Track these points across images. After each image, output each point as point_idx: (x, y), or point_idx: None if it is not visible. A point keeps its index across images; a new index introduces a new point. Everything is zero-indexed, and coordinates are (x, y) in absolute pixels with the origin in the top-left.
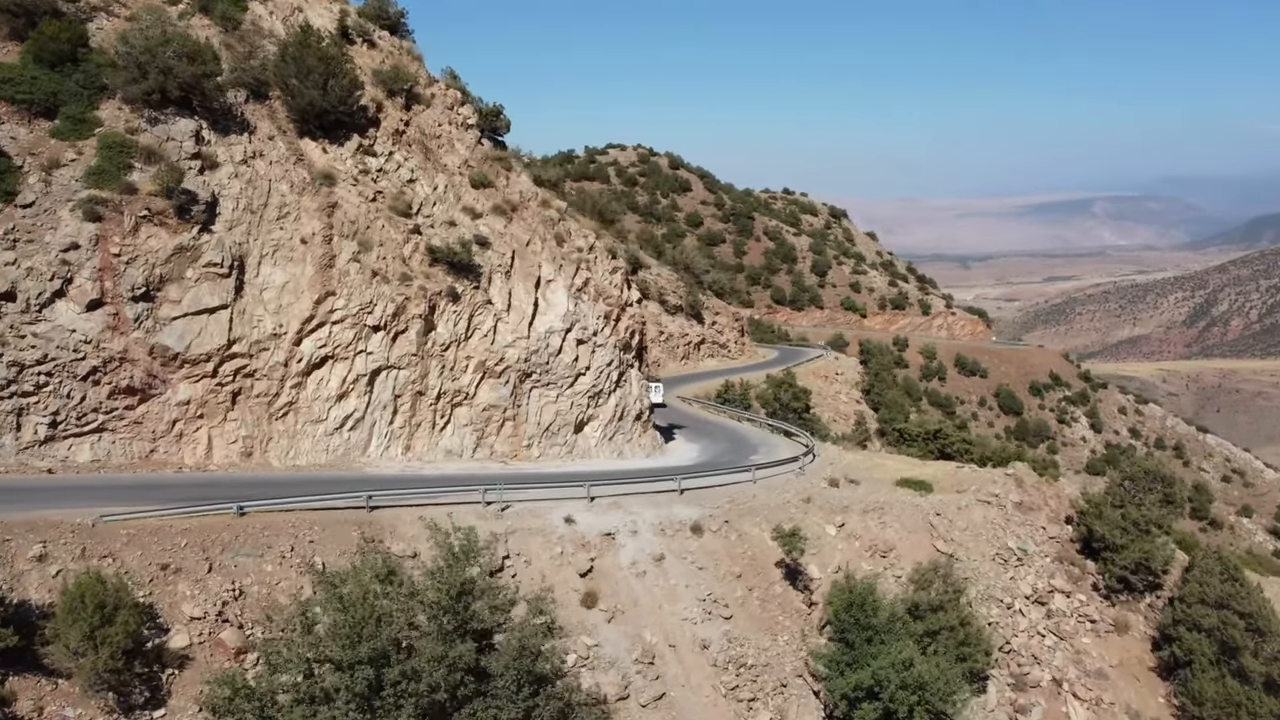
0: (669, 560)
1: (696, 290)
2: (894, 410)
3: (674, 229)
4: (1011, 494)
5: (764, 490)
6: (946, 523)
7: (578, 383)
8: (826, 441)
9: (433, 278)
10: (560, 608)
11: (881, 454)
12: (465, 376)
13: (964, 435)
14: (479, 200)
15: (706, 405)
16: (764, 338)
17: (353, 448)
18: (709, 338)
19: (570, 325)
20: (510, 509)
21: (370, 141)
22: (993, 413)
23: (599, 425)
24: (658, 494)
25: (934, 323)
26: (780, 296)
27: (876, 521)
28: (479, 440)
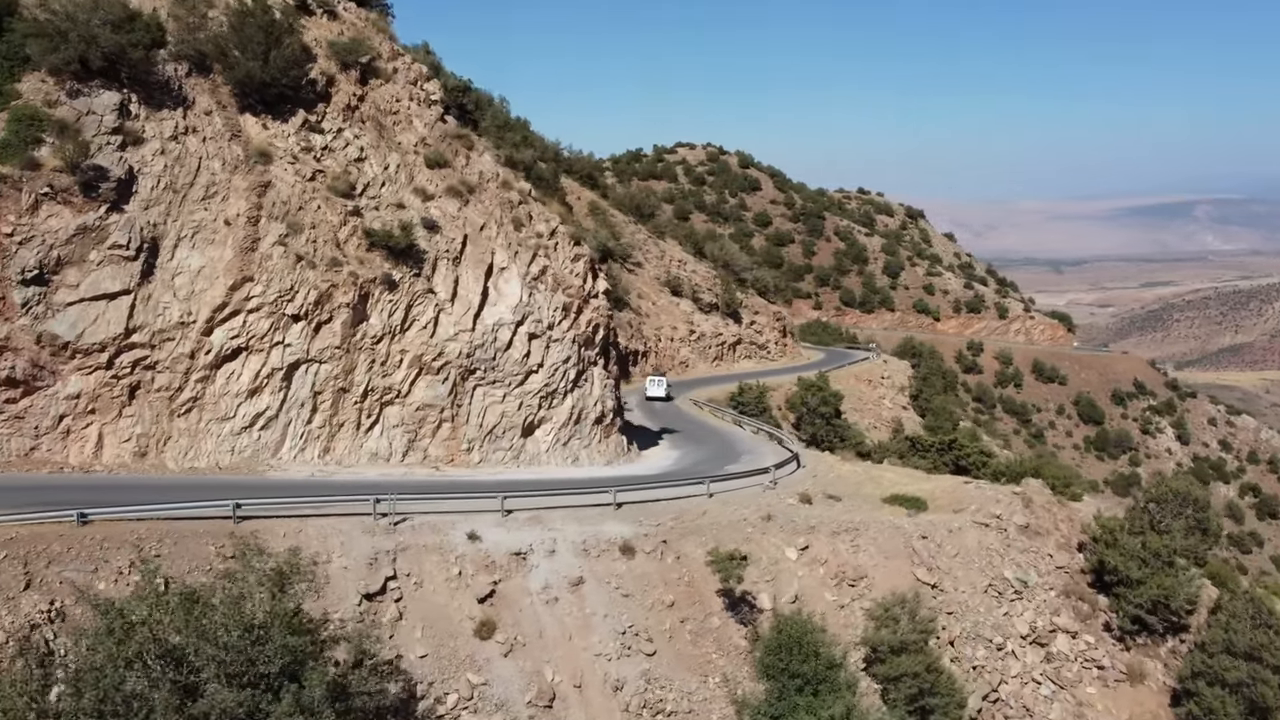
0: (589, 585)
1: (734, 288)
2: (940, 417)
3: (741, 228)
4: (1016, 515)
5: (720, 506)
6: (933, 547)
7: (528, 381)
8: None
9: (368, 264)
10: (450, 639)
11: (884, 466)
12: (398, 372)
13: (981, 446)
14: (433, 181)
15: (717, 409)
16: (823, 339)
17: (263, 449)
18: (746, 338)
19: (522, 317)
20: (407, 522)
21: (318, 117)
22: (1071, 421)
23: (551, 429)
24: (591, 507)
25: (1011, 327)
26: (850, 298)
27: (848, 544)
28: (410, 443)
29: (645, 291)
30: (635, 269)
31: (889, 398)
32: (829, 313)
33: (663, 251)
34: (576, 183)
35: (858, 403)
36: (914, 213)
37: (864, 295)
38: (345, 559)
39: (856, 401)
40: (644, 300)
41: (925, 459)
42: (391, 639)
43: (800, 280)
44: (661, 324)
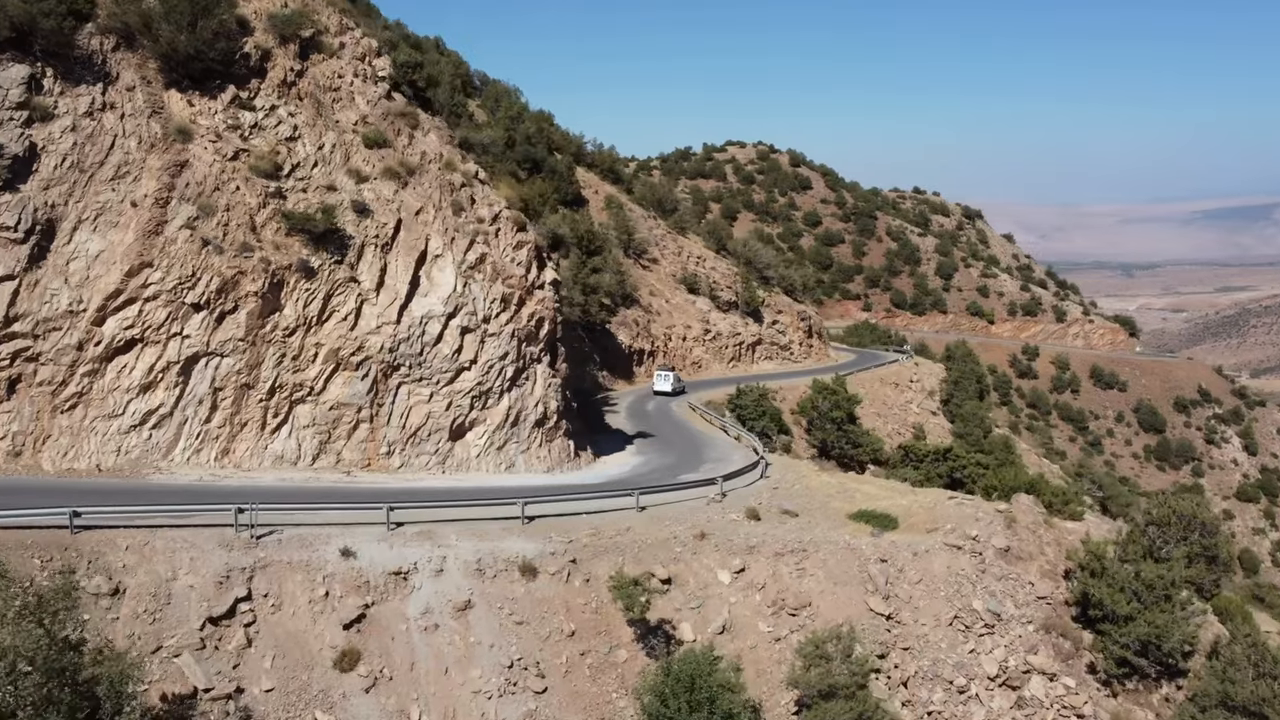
0: (477, 610)
1: (754, 287)
2: (970, 424)
3: (790, 228)
4: (995, 537)
5: (650, 521)
6: (893, 572)
7: (459, 379)
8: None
9: (284, 249)
10: (304, 670)
11: (865, 477)
12: (312, 368)
13: (979, 457)
14: (370, 162)
15: (710, 412)
16: (863, 341)
17: (153, 450)
18: (767, 338)
19: (455, 309)
20: (274, 535)
21: (250, 94)
22: (1130, 429)
23: (484, 431)
24: (497, 521)
25: (1069, 331)
26: (900, 300)
27: (792, 568)
28: (322, 445)
29: (659, 288)
30: (651, 265)
31: (917, 402)
32: (879, 314)
33: (680, 248)
34: (597, 177)
35: (881, 407)
36: (971, 213)
37: (915, 297)
38: (193, 576)
39: (880, 406)
40: (656, 298)
41: (919, 469)
42: (235, 670)
43: (850, 281)
44: (674, 322)
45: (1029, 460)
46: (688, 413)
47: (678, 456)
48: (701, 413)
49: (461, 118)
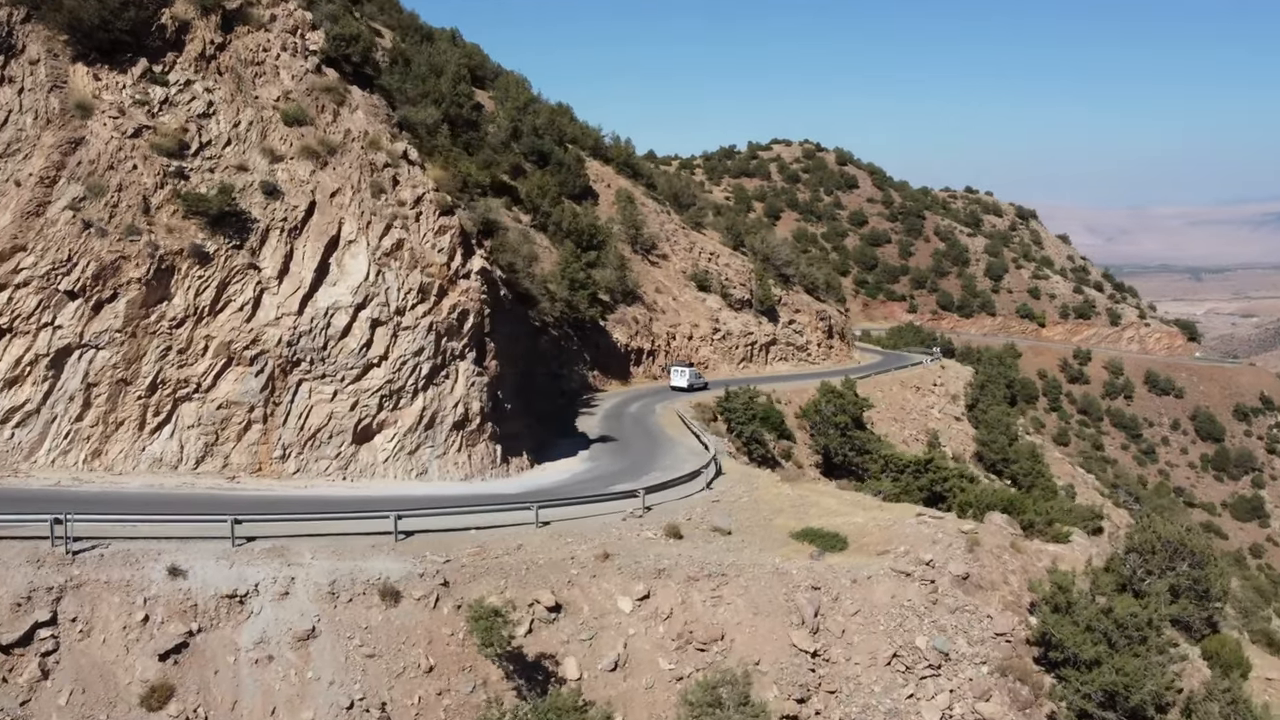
0: (322, 640)
1: (769, 284)
2: (994, 430)
3: (835, 227)
4: (954, 563)
5: (549, 538)
6: (826, 602)
7: (367, 376)
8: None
9: (178, 233)
10: (105, 708)
11: (829, 489)
12: (201, 362)
13: (962, 469)
14: (288, 140)
15: (689, 415)
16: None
17: (14, 451)
18: (782, 338)
19: (365, 299)
20: (95, 550)
21: (165, 68)
22: (1187, 438)
23: (395, 434)
24: (366, 536)
25: (1124, 334)
26: (947, 301)
27: (706, 595)
28: (208, 448)
29: (666, 285)
30: (660, 261)
31: (939, 406)
32: (924, 316)
33: (693, 243)
34: (613, 170)
35: (899, 412)
36: (1025, 213)
37: (963, 299)
38: None
39: (898, 411)
40: (663, 295)
41: (898, 481)
42: (23, 707)
43: (895, 282)
44: (679, 321)
45: (1060, 470)
46: (669, 416)
47: (630, 463)
48: (682, 416)
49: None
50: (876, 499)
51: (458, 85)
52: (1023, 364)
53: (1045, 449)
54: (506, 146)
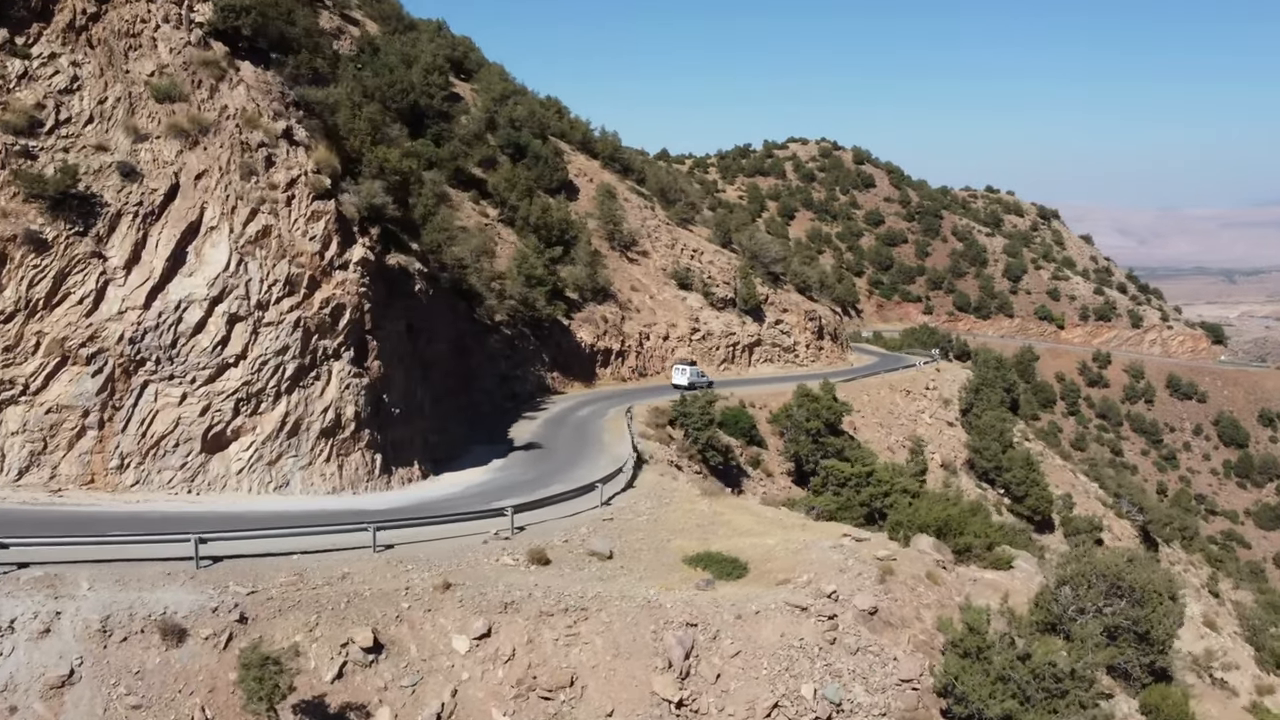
0: (81, 687)
1: (754, 282)
2: (987, 436)
3: (850, 227)
4: (861, 595)
5: (386, 564)
6: (703, 642)
7: (222, 378)
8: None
9: (14, 217)
10: None
11: (752, 505)
12: (31, 361)
13: (910, 483)
14: (157, 117)
15: (654, 421)
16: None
17: None
18: (768, 339)
19: (223, 292)
20: None
21: (29, 39)
22: (1209, 444)
23: (252, 443)
24: (160, 562)
25: (1145, 337)
26: (964, 302)
27: (561, 632)
28: (34, 457)
29: (644, 283)
30: (639, 258)
31: (930, 411)
32: (940, 318)
33: (675, 240)
34: (599, 165)
35: (886, 417)
36: (1046, 213)
37: (980, 300)
38: None
39: (885, 415)
40: (639, 293)
41: (839, 495)
42: None
43: (911, 283)
44: (655, 320)
45: (1060, 479)
46: (617, 422)
47: (539, 473)
48: (631, 423)
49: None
50: (803, 517)
51: (430, 75)
52: (1040, 367)
53: (1046, 457)
54: (479, 138)
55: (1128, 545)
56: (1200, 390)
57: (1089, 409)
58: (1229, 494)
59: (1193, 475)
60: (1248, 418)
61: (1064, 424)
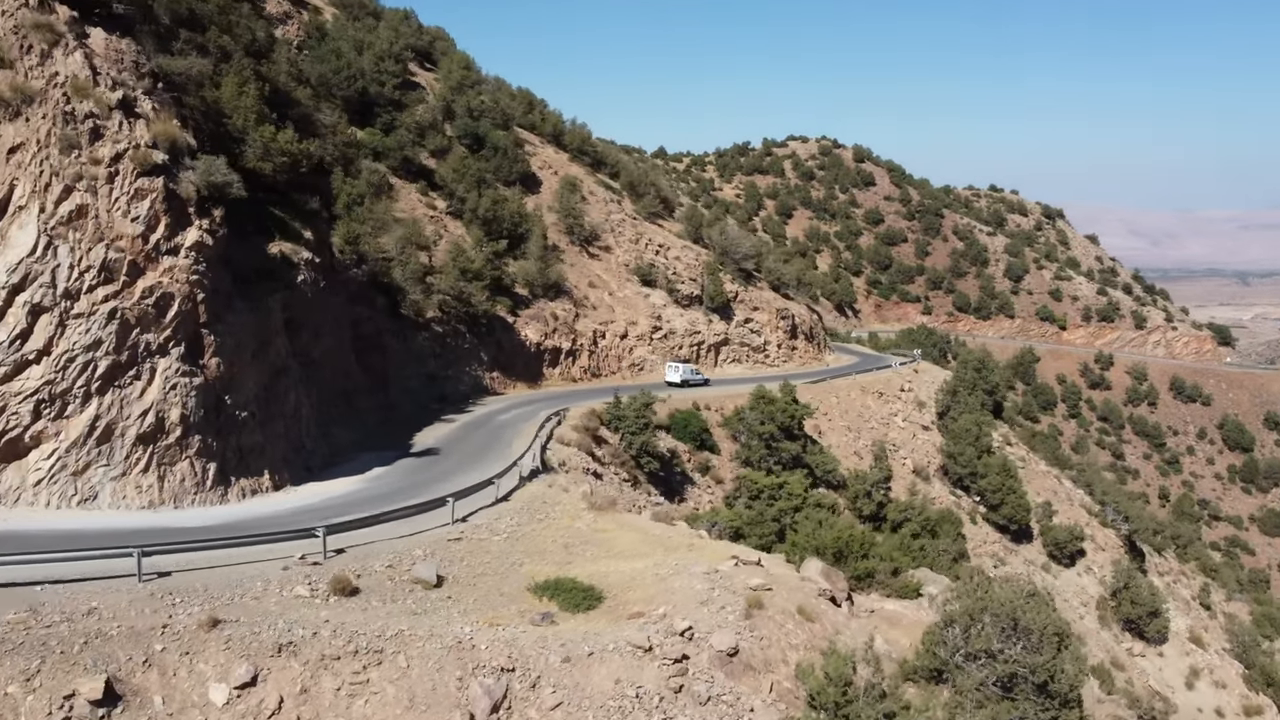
0: None
1: (722, 279)
2: (961, 441)
3: (849, 226)
4: (719, 633)
5: (149, 597)
6: (519, 690)
7: (21, 376)
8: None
9: None
10: None
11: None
12: None
13: (821, 499)
14: None
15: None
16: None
17: None
18: (736, 338)
19: (25, 279)
20: None
21: None
22: (1214, 447)
23: (55, 451)
24: None
25: (1149, 338)
26: (964, 303)
27: (345, 680)
28: None
29: (603, 280)
30: (601, 254)
31: (904, 414)
32: (939, 318)
33: (640, 234)
34: (567, 158)
35: (856, 420)
36: (1051, 212)
37: (980, 300)
38: None
39: (854, 419)
40: (597, 290)
41: (752, 508)
42: None
43: (910, 282)
44: (613, 318)
45: (1042, 485)
46: (533, 425)
47: (418, 482)
48: (549, 426)
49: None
50: (698, 535)
51: (382, 63)
52: (1041, 368)
53: (1029, 462)
54: (434, 128)
55: (1113, 556)
56: (1205, 393)
57: (1090, 411)
58: (1233, 499)
59: (1196, 480)
60: (1253, 421)
61: (1065, 427)
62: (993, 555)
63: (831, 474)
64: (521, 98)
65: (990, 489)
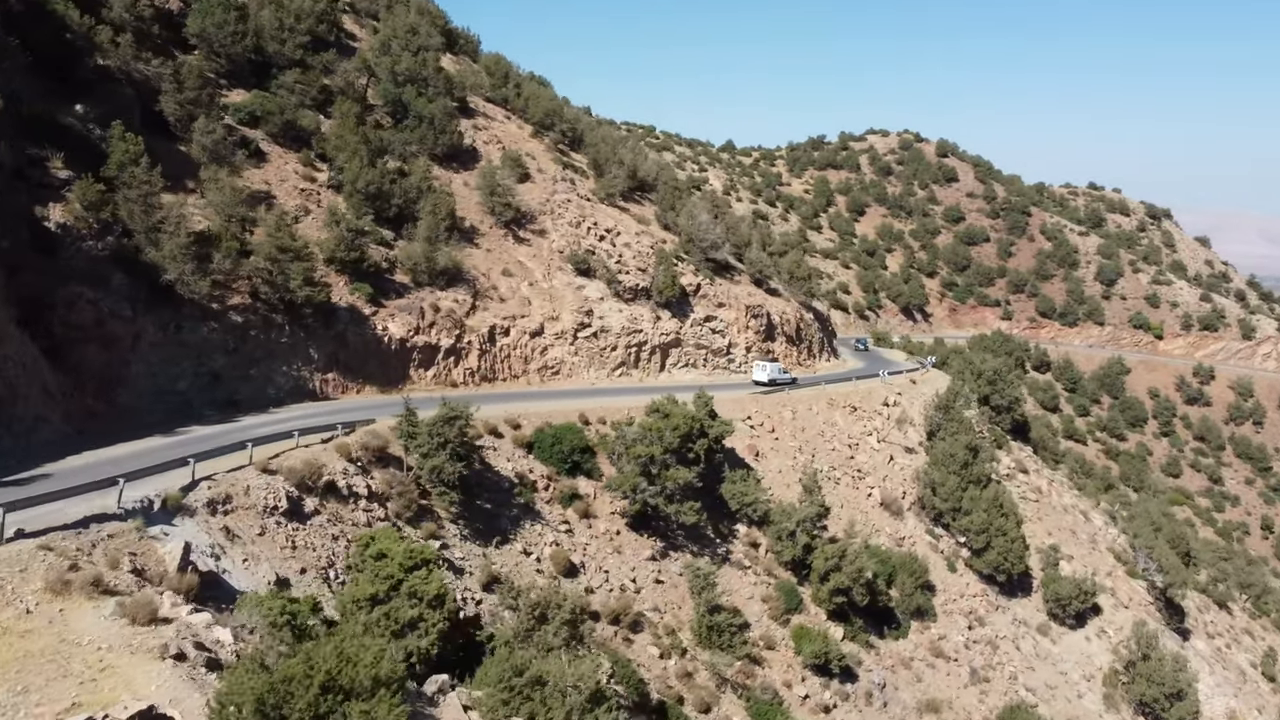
0: None
1: (673, 269)
2: (945, 467)
3: (926, 224)
4: None
5: None
6: None
7: None
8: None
9: None
10: None
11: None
12: None
13: (416, 584)
14: None
15: (367, 443)
16: (977, 352)
17: None
18: (690, 339)
19: None
20: None
21: None
22: None
23: None
24: None
25: (1258, 350)
26: (1048, 308)
27: None
28: None
29: (526, 267)
30: (534, 238)
31: (881, 434)
32: (1020, 324)
33: (583, 216)
34: (529, 132)
35: (814, 439)
36: (1156, 212)
37: (1066, 305)
38: None
39: (813, 437)
40: (514, 278)
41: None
42: None
43: (990, 285)
44: (527, 312)
45: (1056, 524)
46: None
47: None
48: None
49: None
50: (135, 651)
51: (289, 20)
52: (1130, 381)
53: (1050, 494)
54: (344, 93)
55: (1136, 615)
56: None
57: (1185, 430)
58: None
59: None
60: None
61: (1155, 446)
62: (970, 613)
63: (750, 508)
64: (496, 68)
65: (975, 528)
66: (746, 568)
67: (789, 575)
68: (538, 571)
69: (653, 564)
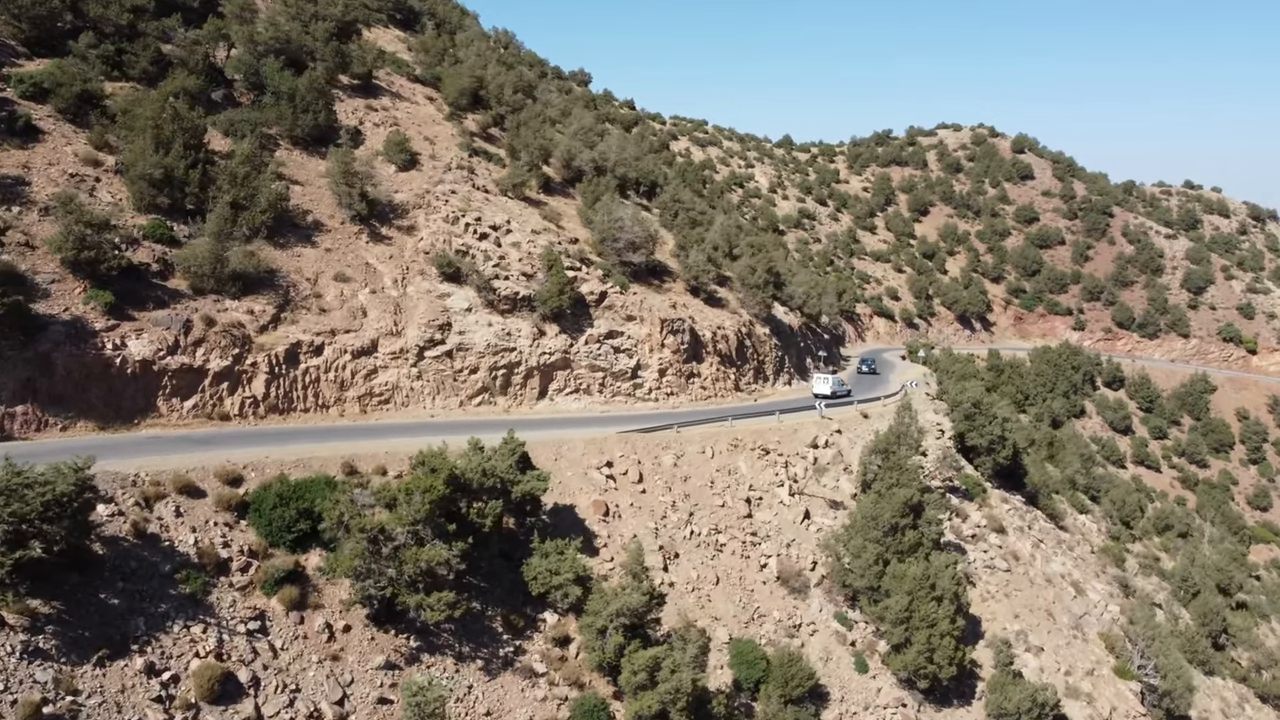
0: None
1: (562, 273)
2: (864, 535)
3: (994, 225)
4: None
5: None
6: None
7: None
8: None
9: None
10: None
11: None
12: None
13: None
14: None
15: None
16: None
17: None
18: (584, 359)
19: None
20: None
21: None
22: None
23: None
24: None
25: None
26: (1125, 318)
27: None
28: None
29: (375, 271)
30: (397, 235)
31: (795, 486)
32: (1094, 335)
33: (464, 210)
34: (445, 114)
35: (696, 492)
36: (1260, 214)
37: (1147, 315)
38: None
39: (692, 491)
40: (350, 284)
41: None
42: None
43: (1062, 292)
44: (353, 326)
45: (1036, 601)
46: None
47: None
48: None
49: None
50: None
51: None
52: (1217, 400)
53: (1034, 560)
54: (185, 64)
55: None
56: None
57: (1277, 457)
58: None
59: None
60: None
61: (1241, 475)
62: None
63: (559, 591)
64: (433, 48)
65: (893, 616)
66: (539, 676)
67: (606, 686)
68: (157, 700)
69: (386, 674)
